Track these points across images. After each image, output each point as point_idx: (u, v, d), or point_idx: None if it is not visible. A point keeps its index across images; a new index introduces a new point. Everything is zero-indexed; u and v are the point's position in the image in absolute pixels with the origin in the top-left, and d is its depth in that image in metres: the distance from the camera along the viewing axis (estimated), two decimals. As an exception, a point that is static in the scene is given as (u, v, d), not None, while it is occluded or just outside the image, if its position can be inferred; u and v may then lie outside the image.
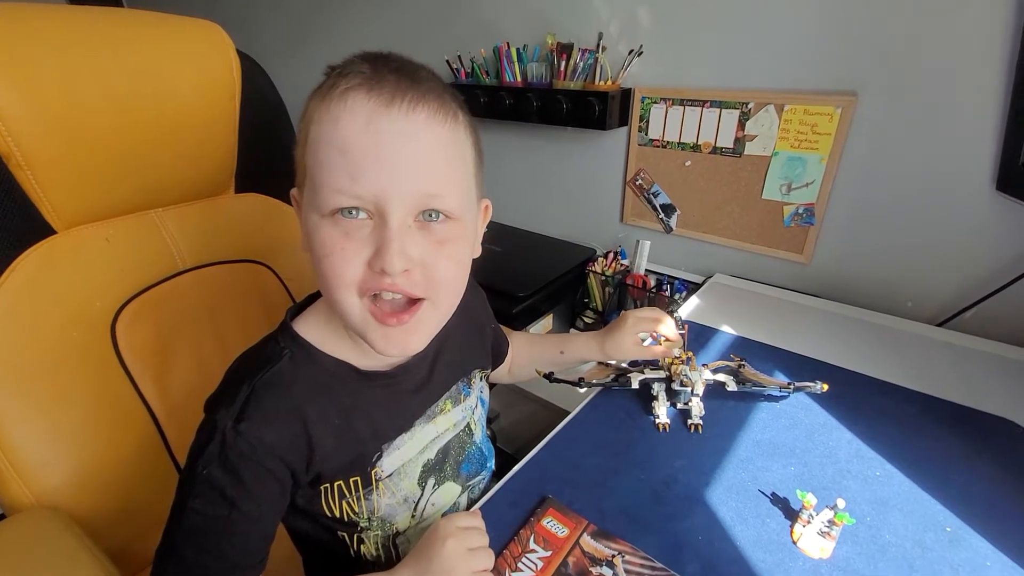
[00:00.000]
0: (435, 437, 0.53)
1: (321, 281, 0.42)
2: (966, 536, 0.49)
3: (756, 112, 0.93)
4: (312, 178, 0.39)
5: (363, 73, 0.37)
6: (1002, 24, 0.70)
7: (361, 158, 0.37)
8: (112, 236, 0.65)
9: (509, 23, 1.20)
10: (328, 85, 0.38)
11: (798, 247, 0.98)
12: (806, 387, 0.64)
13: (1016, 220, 0.77)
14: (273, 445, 0.42)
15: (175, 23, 0.68)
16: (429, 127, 0.38)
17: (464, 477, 0.56)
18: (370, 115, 0.37)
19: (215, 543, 0.41)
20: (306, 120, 0.40)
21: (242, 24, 1.86)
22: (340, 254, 0.38)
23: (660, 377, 0.66)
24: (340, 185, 0.37)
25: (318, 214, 0.39)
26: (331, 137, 0.37)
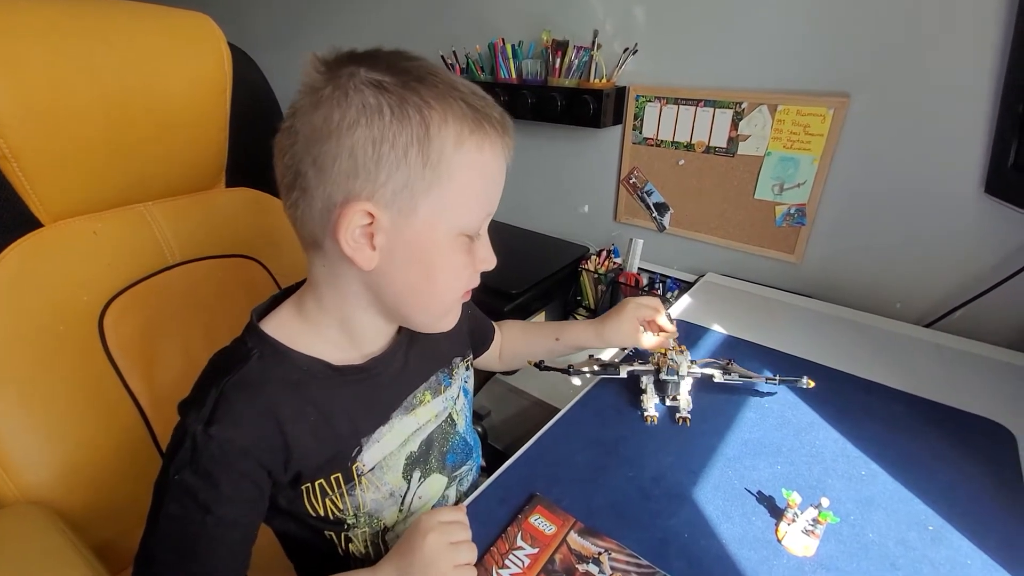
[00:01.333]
0: (416, 429, 0.53)
1: (442, 288, 0.45)
2: (948, 535, 0.49)
3: (749, 112, 0.93)
4: (455, 198, 0.41)
5: (499, 110, 0.43)
6: (992, 28, 0.71)
7: (497, 188, 0.45)
8: (100, 229, 0.65)
9: (505, 19, 1.20)
10: (473, 117, 0.40)
11: (789, 247, 0.98)
12: (791, 381, 0.64)
13: (1004, 223, 0.77)
14: (246, 447, 0.41)
15: (165, 15, 0.67)
16: None
17: (450, 468, 0.57)
18: (507, 154, 0.44)
19: (191, 549, 0.40)
20: (440, 138, 0.39)
21: (235, 16, 1.84)
22: (465, 268, 0.45)
23: (649, 370, 0.67)
24: (485, 209, 0.44)
25: (452, 233, 0.43)
26: (491, 167, 0.43)
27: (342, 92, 0.38)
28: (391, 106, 0.38)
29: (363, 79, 0.39)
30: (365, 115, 0.38)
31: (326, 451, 0.46)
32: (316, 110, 0.39)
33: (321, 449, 0.45)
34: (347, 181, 0.39)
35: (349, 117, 0.38)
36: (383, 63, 0.40)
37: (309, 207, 0.41)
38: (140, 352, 0.65)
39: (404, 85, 0.39)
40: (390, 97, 0.38)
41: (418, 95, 0.39)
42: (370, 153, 0.38)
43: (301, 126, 0.40)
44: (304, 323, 0.47)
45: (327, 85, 0.39)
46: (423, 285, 0.44)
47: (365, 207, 0.39)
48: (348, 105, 0.38)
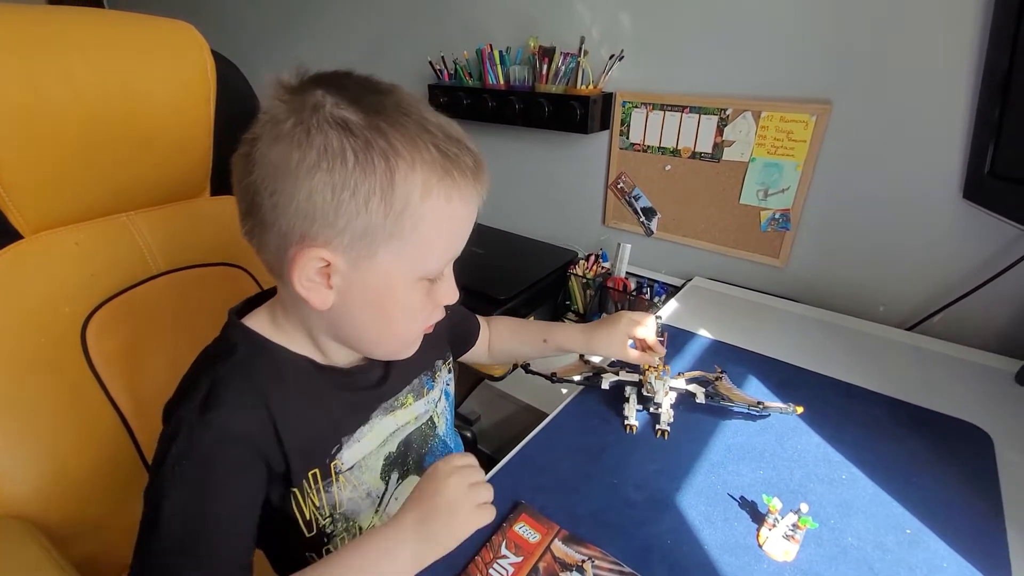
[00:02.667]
0: (395, 430, 0.53)
1: (399, 328, 0.46)
2: (925, 538, 0.50)
3: (734, 118, 0.94)
4: (419, 246, 0.41)
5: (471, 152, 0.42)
6: (969, 37, 0.72)
7: (466, 231, 0.44)
8: (82, 240, 0.64)
9: (492, 25, 1.20)
10: (443, 163, 0.39)
11: (774, 251, 0.99)
12: (778, 409, 0.63)
13: (982, 227, 0.79)
14: (242, 434, 0.41)
15: (148, 24, 0.67)
16: None
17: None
18: (477, 198, 0.43)
19: (193, 544, 0.38)
20: (406, 187, 0.38)
21: (221, 23, 1.83)
22: (423, 309, 0.45)
23: (633, 381, 0.67)
24: (448, 255, 0.44)
25: (413, 278, 0.43)
26: (458, 215, 0.42)
27: (304, 130, 0.36)
28: (355, 151, 0.36)
29: (327, 116, 0.37)
30: (327, 159, 0.36)
31: (307, 445, 0.46)
32: (276, 144, 0.37)
33: (303, 442, 0.45)
34: (303, 223, 0.38)
35: (309, 159, 0.36)
36: (351, 94, 0.38)
37: (265, 240, 0.41)
38: (124, 363, 0.65)
39: (371, 126, 0.37)
40: (355, 141, 0.36)
41: (385, 139, 0.37)
42: (329, 199, 0.37)
43: (260, 157, 0.38)
44: (278, 330, 0.47)
45: (289, 117, 0.37)
46: (379, 325, 0.44)
47: (320, 253, 0.38)
48: (309, 146, 0.36)
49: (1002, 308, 0.81)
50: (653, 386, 0.63)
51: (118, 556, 0.65)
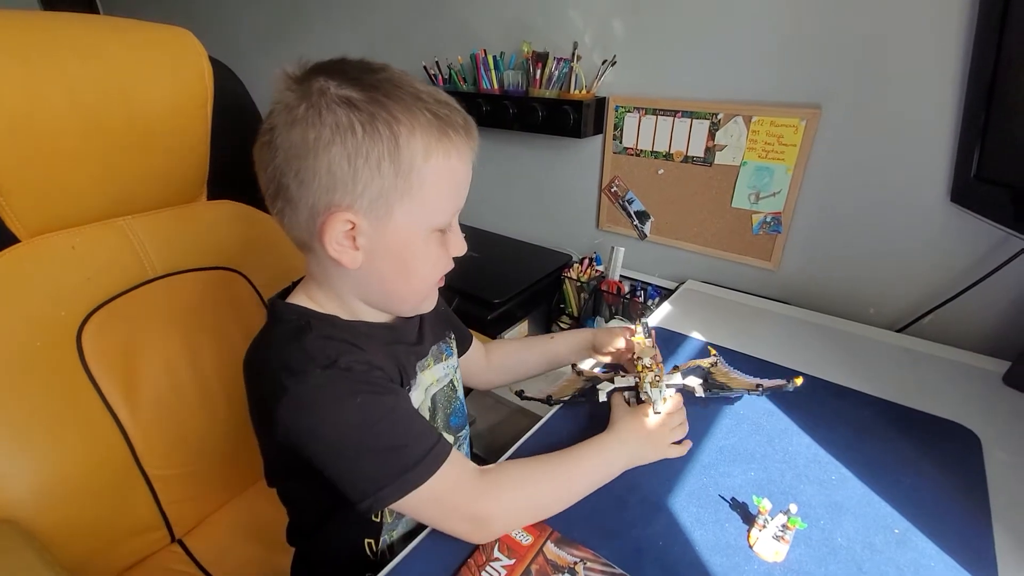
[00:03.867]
0: (427, 387, 0.57)
1: (411, 280, 0.49)
2: (913, 537, 0.51)
3: (725, 123, 0.95)
4: (424, 203, 0.45)
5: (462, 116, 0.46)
6: (954, 43, 0.73)
7: (465, 185, 0.49)
8: (79, 244, 0.65)
9: (486, 30, 1.21)
10: (438, 126, 0.43)
11: (766, 254, 1.00)
12: (778, 386, 0.63)
13: (969, 231, 0.80)
14: (370, 361, 0.47)
15: (145, 30, 0.68)
16: None
17: (454, 429, 0.61)
18: (472, 153, 0.48)
19: (405, 431, 0.46)
20: (409, 149, 0.42)
21: (216, 30, 1.84)
22: (439, 260, 0.50)
23: (629, 386, 0.66)
24: (453, 208, 0.48)
25: (425, 231, 0.47)
26: (457, 171, 0.46)
27: (315, 111, 0.41)
28: (362, 123, 0.41)
29: (333, 97, 0.41)
30: (339, 134, 0.41)
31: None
32: (293, 128, 0.42)
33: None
34: (328, 193, 0.43)
35: (324, 136, 0.41)
36: (350, 76, 0.42)
37: (295, 216, 0.45)
38: (119, 366, 0.65)
39: (372, 101, 0.41)
40: (360, 115, 0.41)
41: (386, 110, 0.41)
42: (346, 168, 0.42)
43: (280, 142, 0.43)
44: (321, 305, 0.51)
45: (301, 103, 0.42)
46: (403, 276, 0.49)
47: (346, 215, 0.43)
48: (322, 124, 0.41)
49: (990, 310, 0.82)
50: (650, 395, 0.61)
51: (113, 558, 0.65)
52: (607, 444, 0.57)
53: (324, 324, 0.49)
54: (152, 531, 0.69)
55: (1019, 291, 0.79)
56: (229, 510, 0.76)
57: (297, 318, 0.49)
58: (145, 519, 0.68)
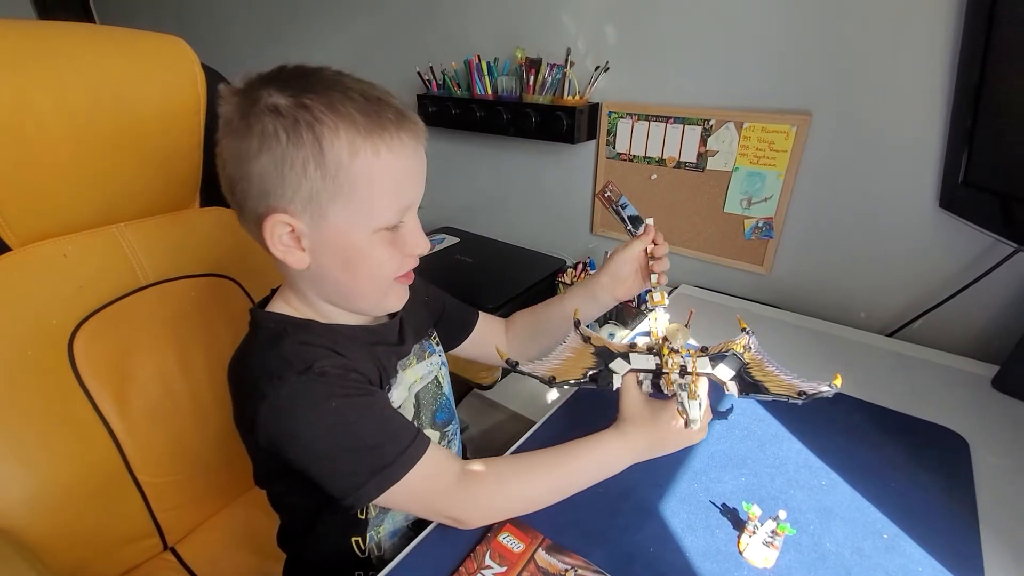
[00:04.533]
0: (409, 385, 0.57)
1: (366, 282, 0.49)
2: (901, 543, 0.51)
3: (717, 129, 0.96)
4: (364, 202, 0.45)
5: (393, 110, 0.45)
6: (943, 51, 0.74)
7: (411, 181, 0.48)
8: (71, 252, 0.64)
9: (480, 36, 1.22)
10: (366, 122, 0.43)
11: (758, 259, 1.01)
12: (819, 394, 0.54)
13: (958, 236, 0.81)
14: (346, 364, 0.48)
15: (138, 38, 0.68)
16: None
17: (440, 424, 0.62)
18: (415, 147, 0.47)
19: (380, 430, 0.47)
20: (335, 151, 0.42)
21: (213, 35, 1.84)
22: (389, 260, 0.49)
23: (648, 368, 0.56)
24: (399, 204, 0.47)
25: (369, 231, 0.46)
26: (394, 168, 0.45)
27: (245, 123, 0.43)
28: (286, 130, 0.42)
29: (263, 106, 0.42)
30: (266, 142, 0.42)
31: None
32: (231, 140, 0.44)
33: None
34: (265, 198, 0.44)
35: (253, 147, 0.43)
36: (281, 82, 0.43)
37: (247, 222, 0.48)
38: (111, 374, 0.65)
39: (298, 106, 0.42)
40: (284, 121, 0.42)
41: (310, 112, 0.42)
42: (275, 175, 0.43)
43: (224, 154, 0.46)
44: (298, 312, 0.52)
45: (235, 115, 0.44)
46: (352, 277, 0.49)
47: (283, 218, 0.45)
48: (251, 135, 0.43)
49: (979, 314, 0.83)
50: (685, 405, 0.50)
51: (105, 567, 0.65)
52: (610, 446, 0.55)
53: (301, 330, 0.50)
54: (145, 539, 0.69)
55: (1007, 295, 0.80)
56: (222, 518, 0.76)
57: (275, 325, 0.50)
58: (137, 527, 0.68)
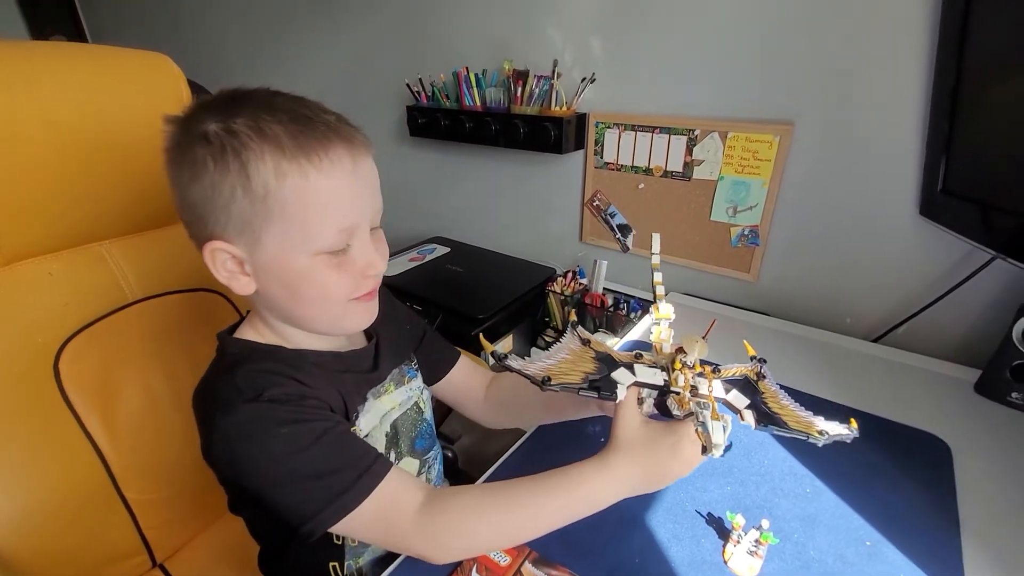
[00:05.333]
0: (384, 413, 0.56)
1: (311, 306, 0.48)
2: (884, 549, 0.52)
3: (702, 138, 0.97)
4: (299, 226, 0.43)
5: (326, 124, 0.44)
6: (920, 62, 0.76)
7: (351, 200, 0.45)
8: (56, 270, 0.64)
9: (468, 49, 1.23)
10: (292, 142, 0.42)
11: (745, 266, 1.02)
12: (840, 437, 0.48)
13: (938, 243, 0.82)
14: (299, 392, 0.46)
15: (123, 56, 0.69)
16: (372, 159, 0.48)
17: (419, 452, 0.60)
18: (354, 165, 0.45)
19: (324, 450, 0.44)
20: (260, 175, 0.42)
21: (203, 49, 1.84)
22: (339, 281, 0.46)
23: (654, 384, 0.47)
24: (337, 225, 0.44)
25: (310, 254, 0.45)
26: (326, 189, 0.43)
27: (179, 152, 0.43)
28: (213, 157, 0.42)
29: (193, 134, 0.42)
30: (195, 170, 0.43)
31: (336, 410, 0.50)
32: (169, 170, 0.45)
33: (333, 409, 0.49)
34: (203, 225, 0.45)
35: (185, 176, 0.43)
36: (214, 108, 0.43)
37: (196, 246, 0.47)
38: (98, 391, 0.65)
39: (226, 130, 0.42)
40: (211, 148, 0.42)
41: (237, 138, 0.41)
42: (208, 203, 0.43)
43: (169, 183, 0.46)
44: (264, 337, 0.52)
45: (172, 145, 0.44)
46: (297, 301, 0.47)
47: (220, 245, 0.44)
48: (183, 163, 0.43)
49: (961, 319, 0.84)
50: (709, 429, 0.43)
51: (90, 587, 0.64)
52: (599, 479, 0.46)
53: (264, 356, 0.49)
54: (133, 556, 0.68)
55: (988, 300, 0.81)
56: (211, 534, 0.76)
57: (238, 351, 0.49)
58: (125, 544, 0.67)
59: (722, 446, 0.42)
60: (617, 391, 0.46)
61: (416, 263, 1.24)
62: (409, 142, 1.42)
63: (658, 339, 0.50)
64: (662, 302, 0.54)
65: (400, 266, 1.22)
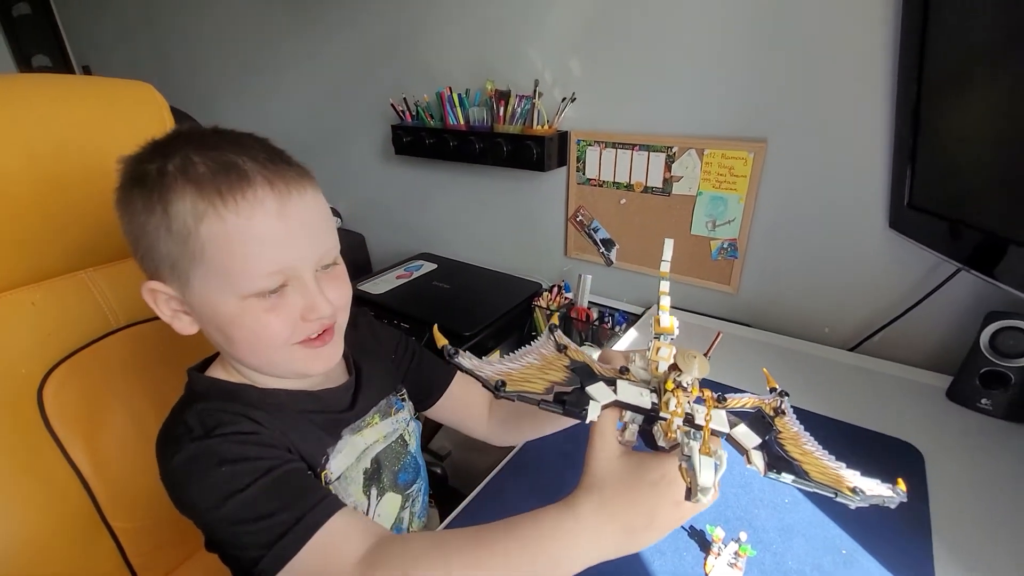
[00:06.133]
0: (365, 448, 0.55)
1: (247, 349, 0.46)
2: (859, 557, 0.53)
3: (680, 155, 1.00)
4: (222, 268, 0.42)
5: (254, 161, 0.42)
6: (884, 82, 0.79)
7: (278, 243, 0.43)
8: (39, 300, 0.64)
9: (451, 69, 1.25)
10: (211, 182, 0.41)
11: (725, 278, 1.04)
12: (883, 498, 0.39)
13: (908, 255, 0.85)
14: (252, 431, 0.44)
15: (106, 85, 0.69)
16: (315, 199, 0.46)
17: (402, 487, 0.59)
18: (280, 206, 0.42)
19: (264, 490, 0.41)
20: (181, 215, 0.41)
21: (188, 75, 1.85)
22: (272, 325, 0.44)
23: (639, 406, 0.38)
24: (263, 269, 0.42)
25: (239, 297, 0.43)
26: (247, 231, 0.41)
27: (121, 192, 0.44)
28: (142, 198, 0.42)
29: (134, 175, 0.43)
30: (131, 210, 0.43)
31: (301, 454, 0.48)
32: (115, 209, 0.46)
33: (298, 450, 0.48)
34: (141, 263, 0.46)
35: (125, 215, 0.45)
36: (162, 146, 0.43)
37: None
38: (82, 421, 0.65)
39: (159, 171, 0.42)
40: (141, 190, 0.42)
41: (163, 179, 0.41)
42: (138, 243, 0.44)
43: None
44: (230, 377, 0.51)
45: (117, 185, 0.45)
46: (232, 346, 0.46)
47: (155, 285, 0.45)
48: (123, 203, 0.44)
49: (933, 328, 0.87)
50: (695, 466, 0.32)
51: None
52: (560, 530, 0.36)
53: (225, 395, 0.48)
54: (118, 585, 0.68)
55: (957, 310, 0.84)
56: (197, 560, 0.75)
57: (202, 389, 0.49)
58: (112, 573, 0.67)
59: (710, 490, 0.31)
60: (588, 409, 0.36)
61: (403, 280, 1.25)
62: (395, 160, 1.44)
63: (655, 356, 0.41)
64: (665, 313, 0.44)
65: (387, 283, 1.23)
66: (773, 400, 0.44)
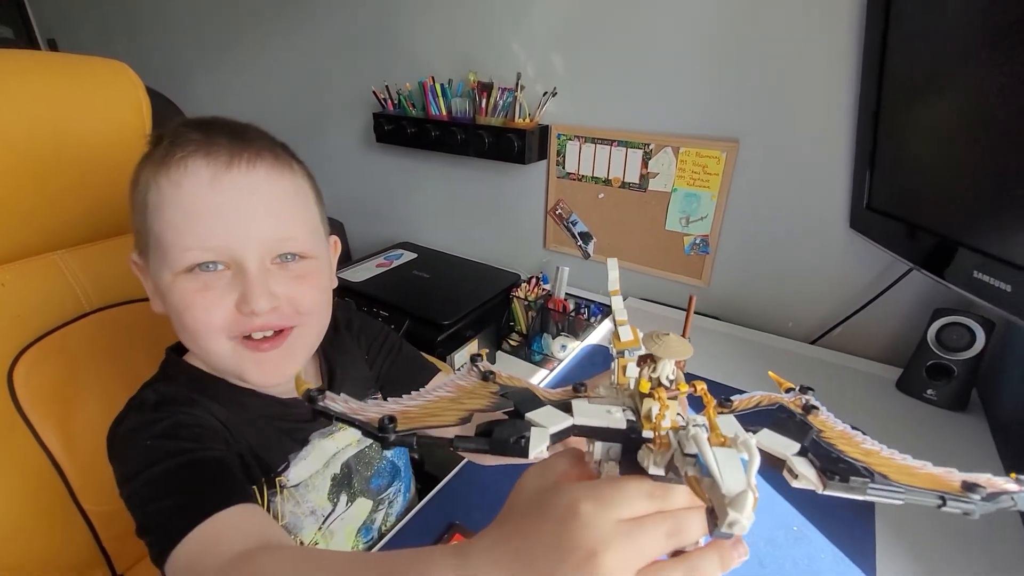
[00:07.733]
0: (335, 452, 0.54)
1: (185, 334, 0.45)
2: (809, 533, 0.57)
3: (656, 152, 1.03)
4: (159, 240, 0.43)
5: (196, 140, 0.42)
6: (848, 88, 0.83)
7: (209, 216, 0.42)
8: (9, 281, 0.63)
9: (434, 59, 1.25)
10: (163, 153, 0.42)
11: (697, 273, 1.08)
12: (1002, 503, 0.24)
13: (866, 253, 0.89)
14: (197, 422, 0.44)
15: (80, 63, 0.68)
16: (270, 180, 0.44)
17: (374, 491, 0.58)
18: (212, 176, 0.41)
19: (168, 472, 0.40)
20: (141, 187, 0.44)
21: (162, 55, 1.79)
22: (201, 304, 0.42)
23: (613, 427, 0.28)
24: (190, 243, 0.42)
25: (171, 273, 0.43)
26: (175, 200, 0.41)
27: None
28: (135, 172, 0.45)
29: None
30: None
31: (255, 457, 0.48)
32: None
33: (251, 454, 0.47)
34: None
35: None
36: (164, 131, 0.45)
37: None
38: (54, 403, 0.64)
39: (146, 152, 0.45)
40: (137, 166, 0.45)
41: (144, 158, 0.45)
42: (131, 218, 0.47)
43: None
44: (204, 366, 0.50)
45: None
46: (178, 329, 0.46)
47: (134, 256, 0.48)
48: None
49: (887, 323, 0.92)
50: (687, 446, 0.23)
51: (49, 601, 0.63)
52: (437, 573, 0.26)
53: (194, 382, 0.48)
54: (92, 568, 0.68)
55: (908, 306, 0.89)
56: (173, 542, 0.76)
57: (172, 371, 0.50)
58: (84, 556, 0.67)
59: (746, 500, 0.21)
60: (530, 437, 0.26)
61: (383, 268, 1.26)
62: (376, 148, 1.43)
63: (622, 378, 0.32)
64: (624, 327, 0.35)
65: (367, 271, 1.23)
66: (796, 398, 0.34)
